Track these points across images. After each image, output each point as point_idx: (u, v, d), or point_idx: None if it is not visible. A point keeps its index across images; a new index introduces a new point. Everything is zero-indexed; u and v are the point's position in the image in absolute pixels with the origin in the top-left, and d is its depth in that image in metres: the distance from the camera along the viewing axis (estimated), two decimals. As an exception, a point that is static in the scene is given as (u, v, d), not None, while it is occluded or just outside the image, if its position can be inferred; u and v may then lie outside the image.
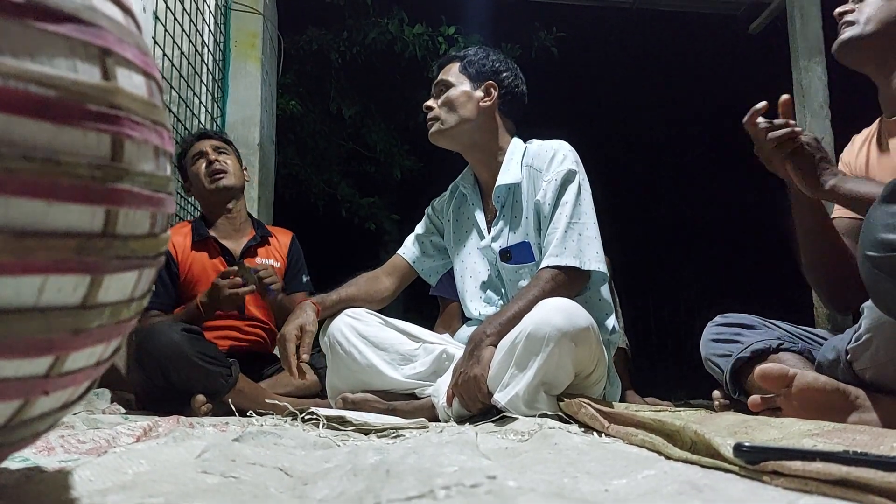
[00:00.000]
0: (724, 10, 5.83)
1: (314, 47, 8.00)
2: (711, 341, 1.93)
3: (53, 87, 0.56)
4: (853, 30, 1.81)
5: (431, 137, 2.32)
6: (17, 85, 0.54)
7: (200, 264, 2.83)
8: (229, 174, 2.90)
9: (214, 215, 2.93)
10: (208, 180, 2.87)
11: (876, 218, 1.29)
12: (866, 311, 1.46)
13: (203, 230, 2.88)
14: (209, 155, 2.90)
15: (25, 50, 0.55)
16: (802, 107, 4.84)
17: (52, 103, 0.56)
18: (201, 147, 2.93)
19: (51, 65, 0.57)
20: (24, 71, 0.54)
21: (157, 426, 1.57)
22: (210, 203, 2.93)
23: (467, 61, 2.34)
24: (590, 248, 2.10)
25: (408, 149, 8.75)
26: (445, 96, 2.30)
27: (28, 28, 0.56)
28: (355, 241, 8.91)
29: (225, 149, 2.98)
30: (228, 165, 2.91)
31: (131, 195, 0.65)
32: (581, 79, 9.95)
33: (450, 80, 2.32)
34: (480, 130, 2.30)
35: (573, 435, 1.43)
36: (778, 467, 0.84)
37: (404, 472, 0.77)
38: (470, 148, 2.33)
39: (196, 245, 2.85)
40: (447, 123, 2.28)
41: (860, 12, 1.80)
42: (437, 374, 2.14)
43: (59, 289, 0.59)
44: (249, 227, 3.01)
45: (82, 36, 0.60)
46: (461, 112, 2.28)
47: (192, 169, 2.92)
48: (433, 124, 2.31)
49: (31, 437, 0.69)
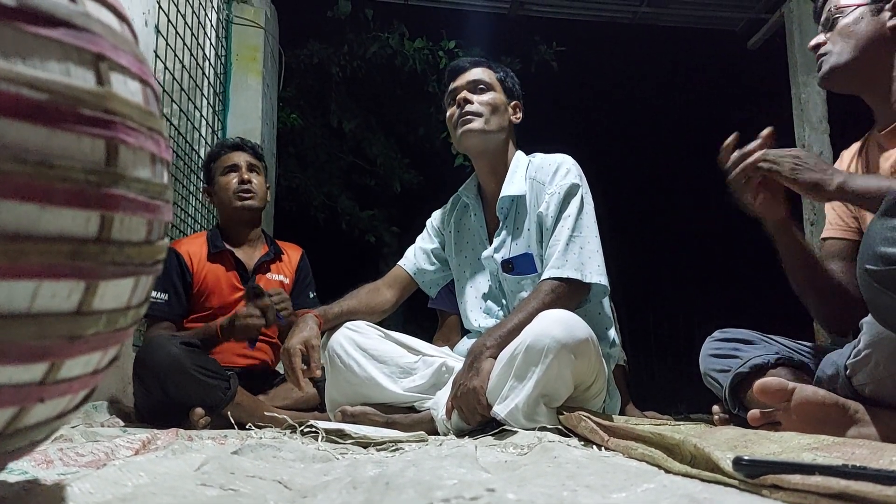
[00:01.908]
0: (723, 25, 5.87)
1: (315, 61, 8.04)
2: (710, 356, 1.93)
3: (46, 90, 0.57)
4: (829, 60, 1.83)
5: (468, 133, 2.27)
6: (8, 87, 0.54)
7: (215, 276, 2.83)
8: (257, 196, 2.90)
9: (232, 229, 2.94)
10: (236, 197, 2.86)
11: (875, 232, 1.29)
12: (866, 326, 1.46)
13: (219, 242, 2.88)
14: (242, 173, 2.89)
15: (17, 53, 0.55)
16: (801, 121, 4.86)
17: (44, 106, 0.56)
18: (236, 160, 2.92)
19: (43, 68, 0.57)
20: (16, 74, 0.55)
21: (155, 439, 1.57)
22: (231, 218, 2.94)
23: (504, 74, 2.36)
24: (591, 260, 2.10)
25: (408, 162, 8.78)
26: (490, 98, 2.30)
27: (20, 32, 0.56)
28: (355, 254, 8.91)
29: (258, 167, 2.98)
30: (257, 186, 2.91)
31: (126, 201, 0.64)
32: (581, 93, 9.99)
33: (491, 82, 2.32)
34: (504, 143, 2.33)
35: (573, 448, 1.42)
36: (777, 481, 0.84)
37: (404, 484, 0.77)
38: (491, 155, 2.32)
39: (211, 257, 2.85)
40: (490, 125, 2.27)
41: (833, 42, 1.82)
42: (437, 387, 2.14)
43: (53, 294, 0.59)
44: (263, 242, 3.02)
45: (75, 41, 0.60)
46: (501, 120, 2.30)
47: (220, 178, 2.91)
48: (474, 120, 2.27)
49: (28, 447, 0.69)
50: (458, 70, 2.38)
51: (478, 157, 2.35)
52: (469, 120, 2.27)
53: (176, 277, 2.74)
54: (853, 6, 1.79)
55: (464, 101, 2.28)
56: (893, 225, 1.26)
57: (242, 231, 2.94)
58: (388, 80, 8.46)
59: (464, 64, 2.39)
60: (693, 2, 5.61)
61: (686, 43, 8.34)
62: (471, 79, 2.32)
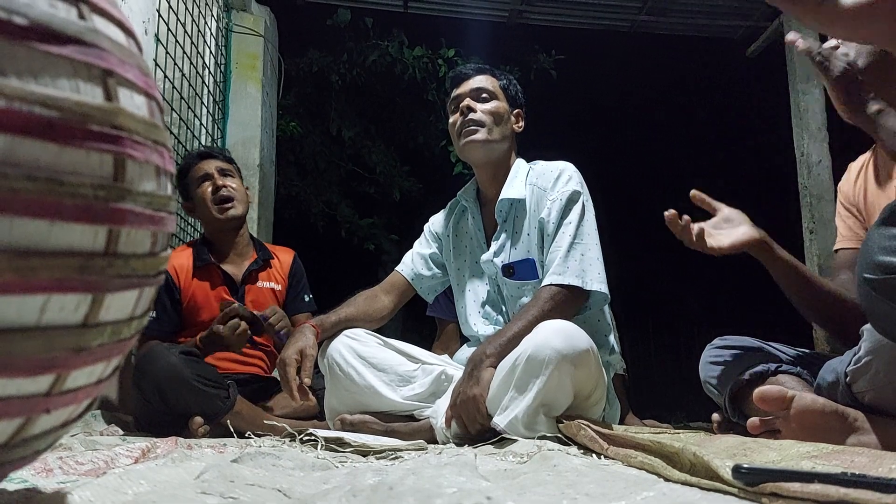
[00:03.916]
0: (722, 33, 5.89)
1: (314, 69, 8.06)
2: (710, 364, 1.93)
3: (57, 108, 0.57)
4: None
5: (471, 144, 2.27)
6: (21, 106, 0.55)
7: (203, 291, 2.79)
8: (237, 201, 2.84)
9: (218, 240, 2.90)
10: (217, 209, 2.80)
11: (874, 240, 1.29)
12: (866, 333, 1.46)
13: (205, 255, 2.84)
14: (216, 180, 2.83)
15: (29, 72, 0.56)
16: (800, 129, 4.88)
17: (55, 124, 0.57)
18: (206, 169, 2.86)
19: (54, 86, 0.58)
20: (28, 92, 0.55)
21: (155, 447, 1.57)
22: (216, 229, 2.89)
23: (507, 82, 2.37)
24: (592, 268, 2.11)
25: (407, 170, 8.80)
26: (493, 107, 2.30)
27: (32, 50, 0.57)
28: (354, 262, 8.91)
29: (230, 171, 2.92)
30: (235, 191, 2.86)
31: (133, 215, 0.65)
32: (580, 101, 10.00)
33: (494, 91, 2.33)
34: (507, 151, 2.34)
35: (572, 457, 1.42)
36: (777, 489, 0.84)
37: (403, 492, 0.77)
38: (493, 164, 2.33)
39: (198, 271, 2.81)
40: (494, 135, 2.28)
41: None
42: (436, 395, 2.14)
43: (60, 308, 0.60)
44: (251, 249, 2.97)
45: (85, 58, 0.61)
46: (504, 129, 2.31)
47: (196, 191, 2.85)
48: (478, 130, 2.27)
49: (31, 456, 0.69)
50: (462, 77, 2.37)
51: (480, 167, 2.36)
52: (472, 130, 2.27)
53: (164, 295, 2.71)
54: None
55: (467, 109, 2.28)
56: (892, 234, 1.26)
57: (229, 240, 2.89)
58: (388, 88, 8.49)
59: (467, 71, 2.39)
60: (692, 10, 5.64)
61: (685, 51, 8.38)
62: (474, 86, 2.32)
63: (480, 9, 5.78)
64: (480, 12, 5.84)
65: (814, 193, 4.77)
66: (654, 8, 5.55)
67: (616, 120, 10.62)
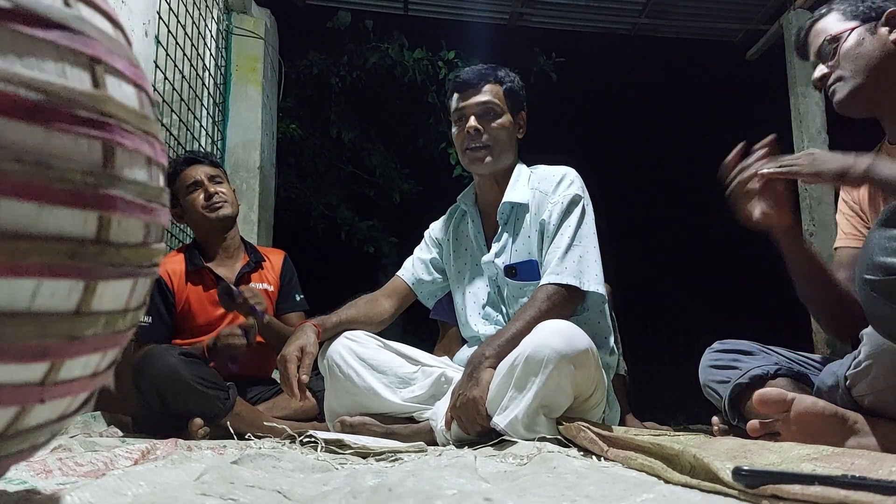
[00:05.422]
0: (722, 36, 5.89)
1: (315, 71, 8.07)
2: (710, 367, 1.93)
3: (43, 91, 0.57)
4: (845, 86, 1.77)
5: (483, 167, 2.28)
6: (6, 87, 0.55)
7: (196, 295, 2.78)
8: (228, 203, 2.84)
9: (210, 244, 2.89)
10: (208, 211, 2.79)
11: (874, 242, 1.29)
12: (866, 337, 1.46)
13: (197, 259, 2.83)
14: (207, 187, 2.81)
15: (14, 53, 0.56)
16: (800, 132, 4.88)
17: (41, 107, 0.57)
18: (196, 176, 2.83)
19: (40, 69, 0.58)
20: (12, 74, 0.55)
21: (154, 449, 1.57)
22: (207, 232, 2.87)
23: (509, 89, 2.31)
24: (589, 269, 2.11)
25: (407, 172, 8.80)
26: (500, 124, 2.27)
27: (15, 33, 0.57)
28: (354, 264, 8.92)
29: (219, 177, 2.90)
30: (226, 195, 2.85)
31: (124, 203, 0.65)
32: (580, 104, 10.02)
33: (500, 104, 2.28)
34: (509, 160, 2.33)
35: (572, 458, 1.42)
36: (777, 491, 0.84)
37: (403, 494, 0.77)
38: (495, 174, 2.32)
39: (190, 276, 2.80)
40: (500, 157, 2.28)
41: (843, 69, 1.78)
42: (436, 397, 2.14)
43: (52, 293, 0.59)
44: (243, 252, 2.96)
45: (71, 43, 0.61)
46: (508, 146, 2.30)
47: (186, 199, 2.83)
48: (486, 155, 2.26)
49: (29, 450, 0.69)
50: (466, 86, 2.31)
51: (483, 177, 2.36)
52: (480, 156, 2.26)
53: (158, 299, 2.69)
54: (847, 31, 1.78)
55: (474, 131, 2.25)
56: (892, 235, 1.26)
57: (220, 243, 2.88)
58: (388, 90, 8.50)
59: (471, 78, 2.32)
60: (692, 13, 5.64)
61: (685, 54, 8.38)
62: (480, 101, 2.27)
63: (480, 11, 5.78)
64: (480, 14, 5.84)
65: (813, 196, 4.77)
66: (654, 11, 5.55)
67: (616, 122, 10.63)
